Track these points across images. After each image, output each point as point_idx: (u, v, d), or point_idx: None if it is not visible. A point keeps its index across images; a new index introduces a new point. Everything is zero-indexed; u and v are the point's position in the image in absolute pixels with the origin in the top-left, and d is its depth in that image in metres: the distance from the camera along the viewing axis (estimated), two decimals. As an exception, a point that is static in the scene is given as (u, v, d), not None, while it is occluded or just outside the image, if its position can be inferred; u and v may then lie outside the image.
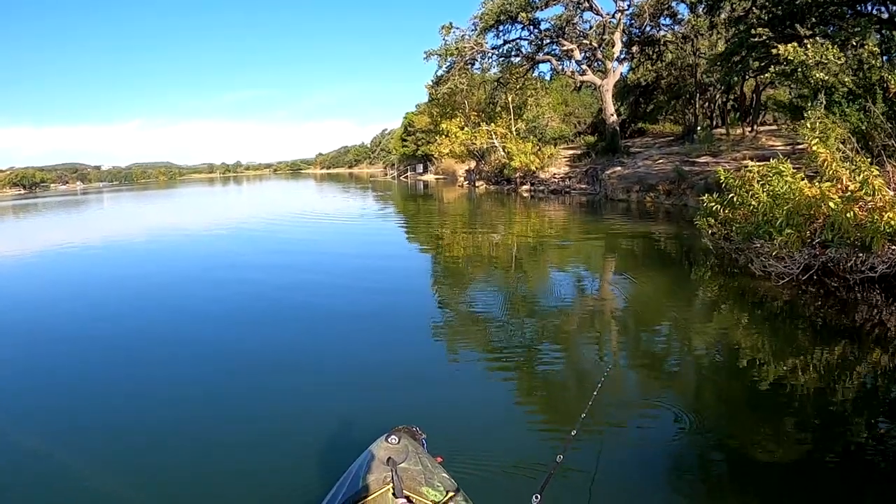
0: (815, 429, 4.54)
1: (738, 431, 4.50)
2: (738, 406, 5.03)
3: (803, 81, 10.26)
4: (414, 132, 61.79)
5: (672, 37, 30.15)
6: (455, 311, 8.70)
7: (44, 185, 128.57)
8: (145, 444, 4.68)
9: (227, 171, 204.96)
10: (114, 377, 6.36)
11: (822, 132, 8.06)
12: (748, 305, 7.95)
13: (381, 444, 3.08)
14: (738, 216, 8.55)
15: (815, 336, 6.74)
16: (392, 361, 6.32)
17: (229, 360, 6.71)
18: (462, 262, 12.82)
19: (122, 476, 4.15)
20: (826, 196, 6.87)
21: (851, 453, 4.14)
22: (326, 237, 18.07)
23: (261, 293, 10.01)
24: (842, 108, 9.45)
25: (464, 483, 3.12)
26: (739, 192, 8.25)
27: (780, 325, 7.16)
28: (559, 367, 6.24)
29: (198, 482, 4.10)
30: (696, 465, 4.17)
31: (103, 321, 8.67)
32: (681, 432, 4.49)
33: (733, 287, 8.85)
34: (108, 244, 18.82)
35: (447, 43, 30.79)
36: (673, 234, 14.58)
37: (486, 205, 27.61)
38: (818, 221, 7.43)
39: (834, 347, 6.25)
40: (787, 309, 7.60)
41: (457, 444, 4.13)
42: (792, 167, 7.43)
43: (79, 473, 4.22)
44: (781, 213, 6.87)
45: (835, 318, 7.16)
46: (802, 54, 9.41)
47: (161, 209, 40.12)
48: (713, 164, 20.68)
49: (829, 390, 5.16)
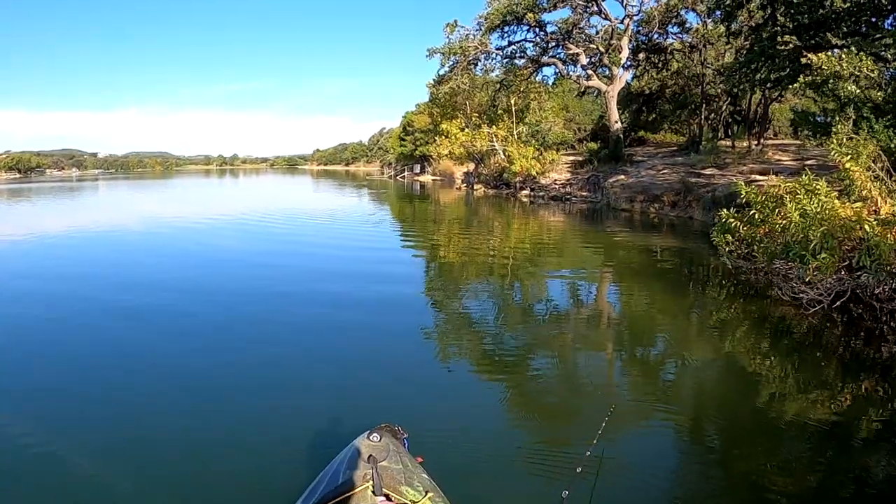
0: (832, 468, 4.26)
1: (749, 465, 4.26)
2: (751, 438, 4.73)
3: (829, 95, 9.76)
4: (413, 132, 61.30)
5: (680, 45, 29.73)
6: (444, 315, 8.65)
7: (39, 171, 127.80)
8: (128, 439, 4.63)
9: (224, 163, 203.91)
10: (95, 371, 6.24)
11: (853, 149, 7.49)
12: (767, 331, 7.44)
13: (362, 442, 3.10)
14: (759, 234, 7.99)
15: (839, 368, 6.25)
16: (377, 361, 6.37)
17: (212, 355, 6.67)
18: (456, 269, 12.39)
19: (105, 468, 4.14)
20: (862, 218, 6.33)
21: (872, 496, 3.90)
22: (317, 237, 17.40)
23: (247, 290, 9.94)
24: (870, 123, 8.94)
25: (443, 484, 3.14)
26: (763, 208, 7.68)
27: (803, 355, 6.66)
28: (549, 380, 6.05)
29: (178, 476, 4.08)
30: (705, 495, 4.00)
31: (86, 315, 8.47)
32: (687, 465, 4.36)
33: (751, 311, 8.31)
34: (98, 233, 18.30)
35: (451, 41, 30.30)
36: (681, 248, 14.04)
37: (483, 209, 27.02)
38: (848, 244, 6.90)
39: (861, 382, 5.80)
40: (809, 338, 7.09)
41: (438, 445, 4.16)
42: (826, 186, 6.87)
43: (62, 469, 4.17)
44: (816, 235, 6.31)
45: (862, 350, 6.65)
46: (837, 64, 8.88)
47: (154, 200, 39.44)
48: (719, 177, 20.26)
49: (854, 428, 4.80)
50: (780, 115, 32.29)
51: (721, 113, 30.27)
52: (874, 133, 8.79)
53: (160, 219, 22.57)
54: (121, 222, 21.71)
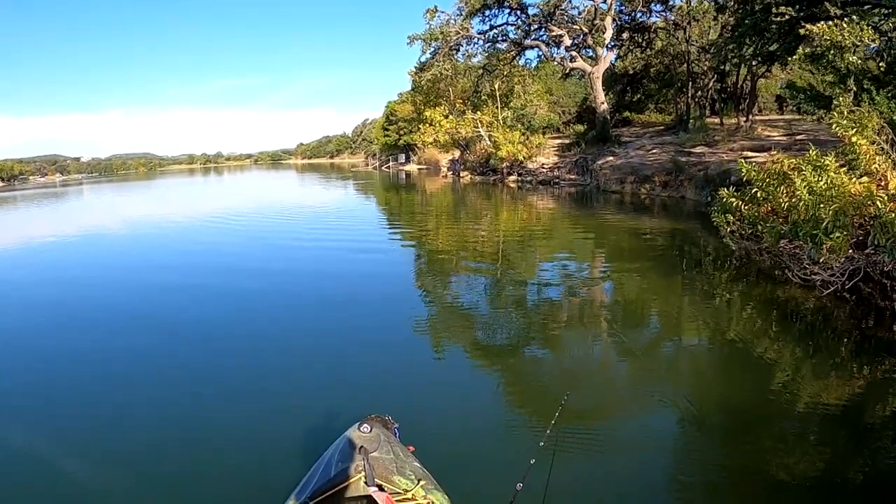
0: (843, 452, 4.16)
1: (756, 448, 4.17)
2: (760, 421, 4.61)
3: (827, 67, 9.43)
4: (396, 121, 60.71)
5: (663, 23, 29.33)
6: (434, 304, 8.59)
7: (22, 178, 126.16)
8: (120, 436, 4.65)
9: (208, 161, 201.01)
10: (87, 368, 6.36)
11: (856, 122, 7.17)
12: (773, 313, 7.20)
13: (353, 433, 3.08)
14: (762, 213, 7.67)
15: (851, 349, 6.02)
16: (367, 352, 6.34)
17: (200, 352, 6.72)
18: (444, 258, 12.15)
19: (99, 465, 4.18)
20: (874, 195, 6.02)
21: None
22: (304, 229, 17.11)
23: (237, 284, 10.01)
24: (870, 95, 8.64)
25: (435, 472, 3.12)
26: (767, 186, 7.36)
27: (812, 335, 6.48)
28: (540, 365, 6.03)
29: (170, 473, 4.08)
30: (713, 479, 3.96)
31: (76, 316, 8.62)
32: (692, 450, 4.28)
33: (755, 293, 8.05)
34: (84, 237, 18.33)
35: (432, 27, 29.66)
36: (676, 229, 13.74)
37: (471, 196, 26.68)
38: (856, 221, 6.60)
39: (874, 363, 5.58)
40: (819, 318, 6.88)
41: (429, 434, 4.14)
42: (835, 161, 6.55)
43: (57, 468, 4.18)
44: (828, 214, 5.99)
45: (874, 330, 6.40)
46: (838, 34, 8.54)
47: (138, 202, 39.11)
48: (710, 155, 19.99)
49: (868, 412, 4.73)
50: (765, 91, 32.08)
51: (708, 90, 29.98)
52: (875, 105, 8.49)
53: (145, 220, 22.42)
54: (103, 225, 21.80)
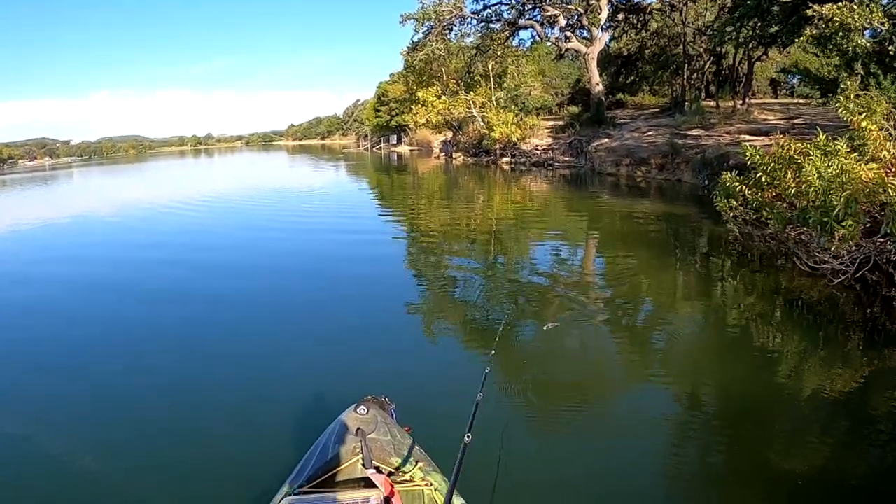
0: (847, 443, 4.11)
1: (758, 438, 4.15)
2: (763, 410, 4.57)
3: (833, 50, 9.23)
4: (388, 102, 59.96)
5: (659, 5, 28.95)
6: (427, 286, 8.59)
7: (11, 162, 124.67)
8: (114, 423, 4.62)
9: (198, 143, 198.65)
10: (75, 356, 6.29)
11: (865, 106, 7.00)
12: (777, 301, 7.03)
13: (350, 415, 3.06)
14: (766, 198, 7.51)
15: (857, 337, 5.88)
16: (360, 334, 6.33)
17: (192, 337, 6.68)
18: (437, 240, 12.01)
19: (88, 452, 4.13)
20: (886, 181, 5.87)
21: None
22: (295, 212, 16.85)
23: (227, 266, 10.09)
24: (878, 79, 8.46)
25: (432, 452, 3.12)
26: (773, 171, 7.20)
27: (816, 323, 6.32)
28: (532, 346, 6.00)
29: (166, 459, 4.05)
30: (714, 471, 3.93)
31: (63, 304, 8.51)
32: (691, 439, 4.23)
33: (757, 280, 7.88)
34: (70, 222, 17.99)
35: (425, 6, 29.10)
36: (673, 213, 13.55)
37: (464, 178, 26.40)
38: (865, 208, 6.47)
39: (881, 352, 5.47)
40: (824, 307, 6.70)
41: (426, 414, 4.14)
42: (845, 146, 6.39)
43: (52, 459, 4.14)
44: (839, 200, 5.84)
45: (881, 320, 6.24)
46: (847, 16, 8.33)
47: (129, 185, 38.54)
48: (706, 137, 19.79)
49: (875, 403, 4.63)
50: (760, 74, 31.84)
51: (703, 73, 29.72)
52: (882, 89, 8.32)
53: (135, 204, 22.01)
54: (93, 209, 21.64)
